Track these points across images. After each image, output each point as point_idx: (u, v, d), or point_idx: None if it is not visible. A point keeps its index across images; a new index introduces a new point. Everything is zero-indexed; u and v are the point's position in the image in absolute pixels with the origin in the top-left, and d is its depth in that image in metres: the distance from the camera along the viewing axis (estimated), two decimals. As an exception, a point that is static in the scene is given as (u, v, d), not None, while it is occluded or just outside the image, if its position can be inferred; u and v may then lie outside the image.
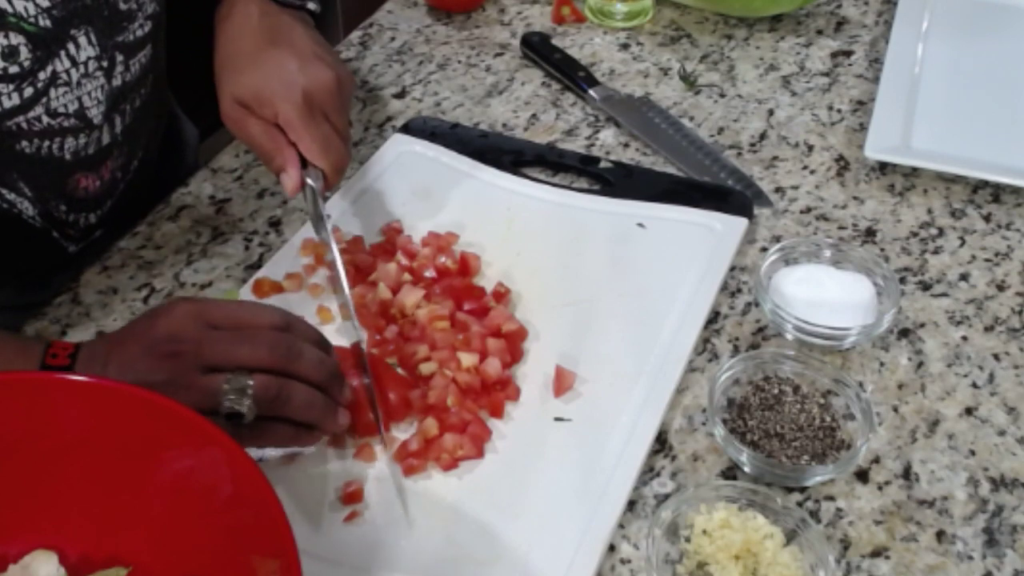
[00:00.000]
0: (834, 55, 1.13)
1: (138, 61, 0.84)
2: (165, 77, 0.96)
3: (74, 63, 0.77)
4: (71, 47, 0.77)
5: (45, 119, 0.78)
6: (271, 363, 0.65)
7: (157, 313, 0.68)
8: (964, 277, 0.87)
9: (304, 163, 0.80)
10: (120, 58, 0.82)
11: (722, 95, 1.07)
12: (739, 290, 0.86)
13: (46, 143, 0.79)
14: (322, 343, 0.70)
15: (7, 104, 0.75)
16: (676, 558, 0.66)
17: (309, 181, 0.80)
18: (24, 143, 0.78)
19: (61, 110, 0.78)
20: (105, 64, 0.80)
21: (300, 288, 0.84)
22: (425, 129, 1.00)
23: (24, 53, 0.73)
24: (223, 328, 0.66)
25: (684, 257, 0.86)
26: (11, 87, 0.74)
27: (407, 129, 1.00)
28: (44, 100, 0.77)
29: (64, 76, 0.77)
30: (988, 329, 0.82)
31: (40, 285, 0.89)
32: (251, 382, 0.64)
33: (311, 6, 0.91)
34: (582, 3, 1.20)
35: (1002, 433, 0.75)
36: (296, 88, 0.79)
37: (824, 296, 0.80)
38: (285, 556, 0.52)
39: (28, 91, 0.75)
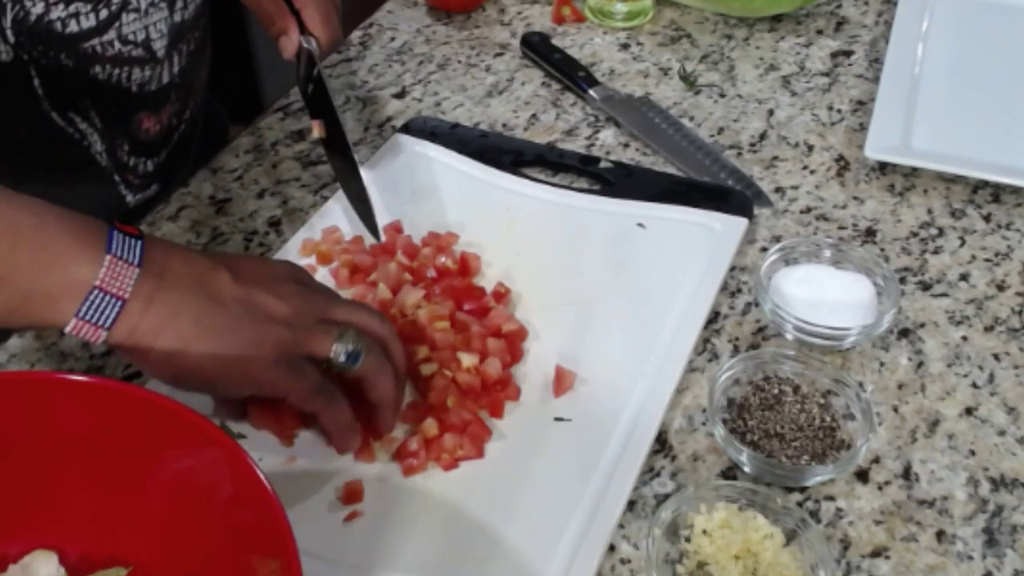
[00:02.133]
0: (834, 55, 1.13)
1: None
2: (211, 30, 1.01)
3: None
4: None
5: (117, 45, 0.83)
6: (382, 334, 0.70)
7: (255, 258, 0.75)
8: (964, 277, 0.87)
9: (301, 31, 0.90)
10: None
11: (722, 95, 1.07)
12: (739, 290, 0.86)
13: (116, 71, 0.85)
14: None
15: (84, 25, 0.80)
16: (676, 558, 0.66)
17: (305, 46, 0.89)
18: (97, 68, 0.83)
19: (131, 37, 0.84)
20: None
21: (300, 288, 0.84)
22: (425, 129, 1.00)
23: None
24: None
25: (684, 257, 0.86)
26: (88, 7, 0.79)
27: (407, 129, 1.00)
28: (117, 24, 0.82)
29: (134, 2, 0.82)
30: (988, 329, 0.82)
31: None
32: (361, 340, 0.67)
33: None
34: (582, 3, 1.20)
35: (1002, 433, 0.75)
36: None
37: (824, 296, 0.80)
38: (285, 556, 0.52)
39: (103, 13, 0.80)
